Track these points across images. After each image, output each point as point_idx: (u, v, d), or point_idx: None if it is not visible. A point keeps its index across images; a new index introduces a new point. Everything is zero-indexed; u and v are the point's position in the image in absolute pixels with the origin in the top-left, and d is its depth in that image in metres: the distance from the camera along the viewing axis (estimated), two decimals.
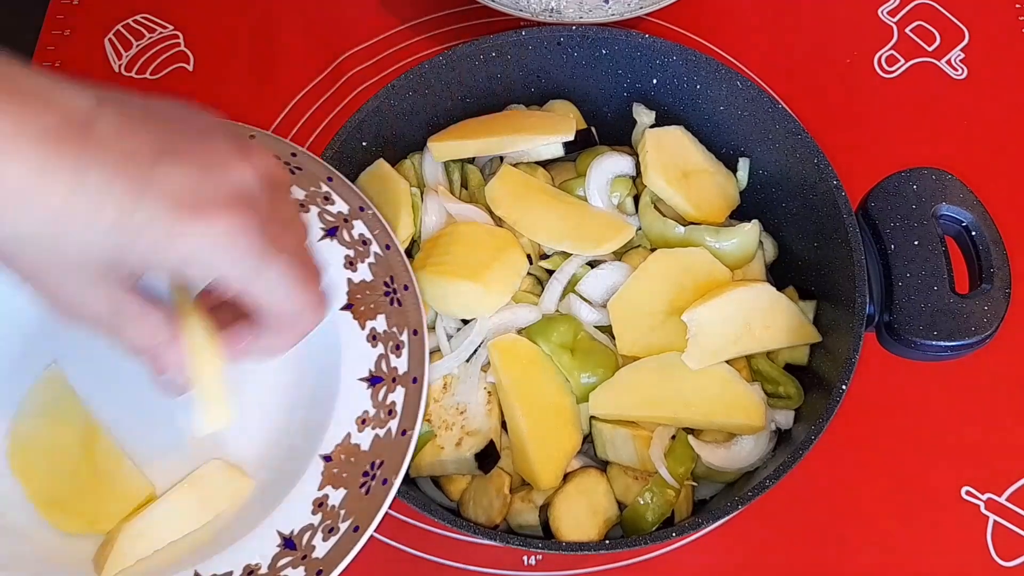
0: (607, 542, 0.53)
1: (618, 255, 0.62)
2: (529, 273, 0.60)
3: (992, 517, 0.65)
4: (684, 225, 0.61)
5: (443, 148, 0.63)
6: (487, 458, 0.55)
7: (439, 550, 0.64)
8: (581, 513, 0.56)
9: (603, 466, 0.58)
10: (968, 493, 0.66)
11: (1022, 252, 0.62)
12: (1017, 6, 0.85)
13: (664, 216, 0.61)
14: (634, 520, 0.55)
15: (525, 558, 0.64)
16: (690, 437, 0.56)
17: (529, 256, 0.60)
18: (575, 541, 0.55)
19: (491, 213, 0.61)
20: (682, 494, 0.56)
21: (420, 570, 0.64)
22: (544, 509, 0.56)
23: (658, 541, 0.53)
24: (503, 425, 0.57)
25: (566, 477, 0.57)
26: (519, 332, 0.58)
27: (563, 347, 0.57)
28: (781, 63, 0.82)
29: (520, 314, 0.58)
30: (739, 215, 0.65)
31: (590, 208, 0.62)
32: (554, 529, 0.55)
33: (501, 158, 0.64)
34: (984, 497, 0.66)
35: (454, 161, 0.64)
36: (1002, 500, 0.66)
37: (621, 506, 0.57)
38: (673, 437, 0.57)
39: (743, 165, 0.65)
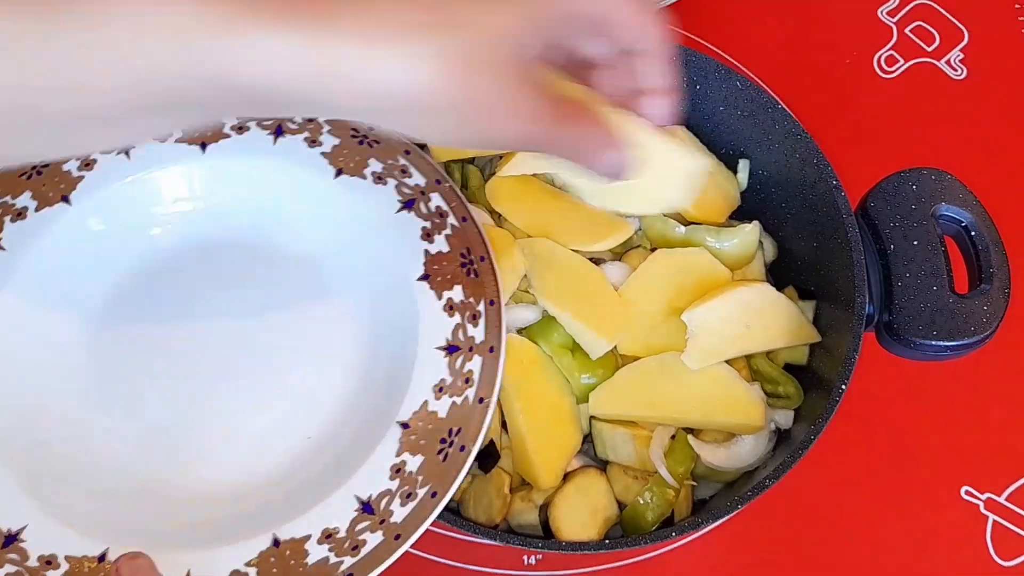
0: (607, 542, 0.53)
1: (618, 255, 0.62)
2: None
3: (992, 517, 0.65)
4: (685, 225, 0.61)
5: (443, 148, 0.63)
6: (487, 458, 0.55)
7: (439, 550, 0.64)
8: (581, 513, 0.55)
9: (603, 466, 0.58)
10: (968, 493, 0.66)
11: (1021, 252, 0.61)
12: (1016, 6, 0.85)
13: (665, 216, 0.61)
14: (634, 520, 0.55)
15: (525, 558, 0.64)
16: (690, 437, 0.56)
17: None
18: (575, 541, 0.55)
19: (491, 213, 0.61)
20: (682, 494, 0.56)
21: (420, 570, 0.63)
22: (544, 509, 0.56)
23: (658, 541, 0.53)
24: (503, 425, 0.57)
25: (566, 477, 0.57)
26: (519, 332, 0.58)
27: (563, 347, 0.57)
28: (781, 63, 0.82)
29: (520, 314, 0.58)
30: (739, 215, 0.65)
31: (589, 207, 0.62)
32: (554, 529, 0.55)
33: (501, 157, 0.64)
34: (984, 497, 0.66)
35: (454, 161, 0.64)
36: (1002, 500, 0.66)
37: (621, 506, 0.57)
38: (673, 437, 0.57)
39: (743, 167, 0.65)
